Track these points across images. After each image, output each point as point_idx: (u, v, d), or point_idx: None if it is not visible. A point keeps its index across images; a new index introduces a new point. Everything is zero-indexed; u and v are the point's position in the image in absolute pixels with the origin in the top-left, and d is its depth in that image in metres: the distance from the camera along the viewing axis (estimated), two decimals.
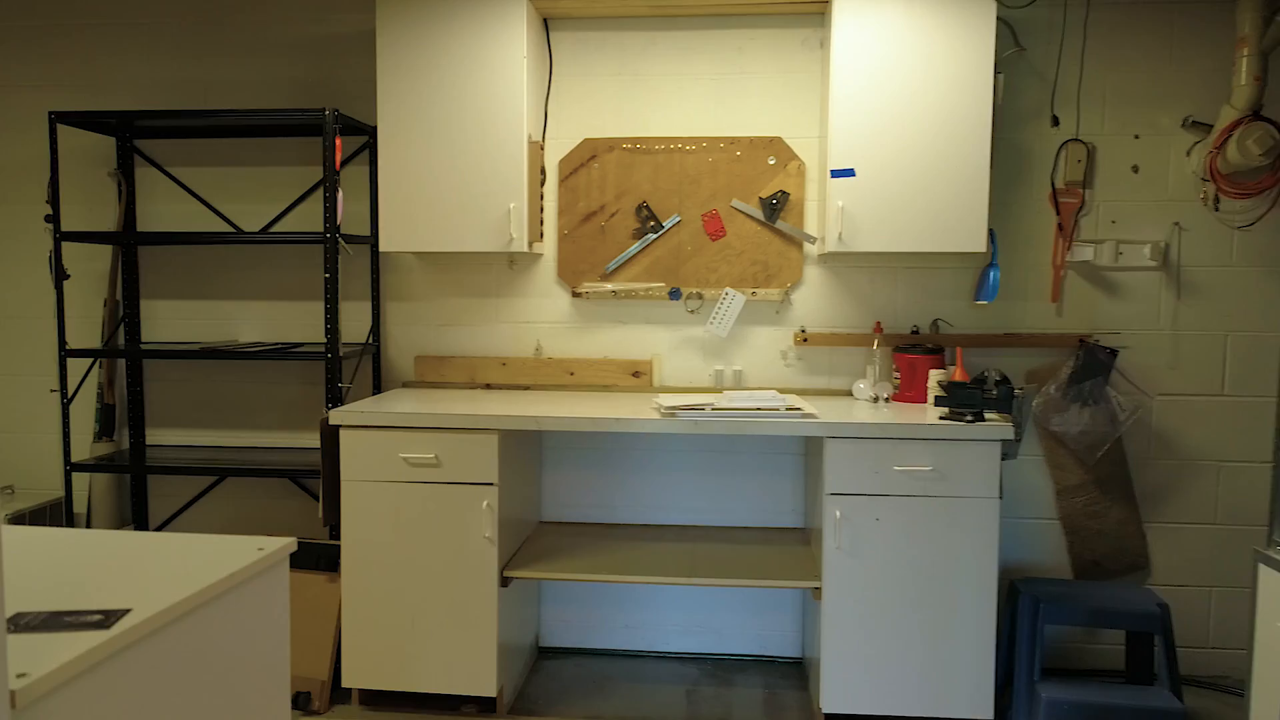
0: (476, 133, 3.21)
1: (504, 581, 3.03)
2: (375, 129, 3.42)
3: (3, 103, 3.72)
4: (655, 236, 3.49)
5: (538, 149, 3.40)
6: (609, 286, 3.52)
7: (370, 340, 3.62)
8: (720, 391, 3.48)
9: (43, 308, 3.75)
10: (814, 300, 3.51)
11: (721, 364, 3.55)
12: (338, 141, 3.17)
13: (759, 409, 2.98)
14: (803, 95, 3.45)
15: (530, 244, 3.30)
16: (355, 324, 3.66)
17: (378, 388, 3.64)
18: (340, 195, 3.23)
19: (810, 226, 3.47)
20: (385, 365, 3.66)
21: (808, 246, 3.48)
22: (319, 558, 3.27)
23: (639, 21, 3.48)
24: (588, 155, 3.50)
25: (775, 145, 3.45)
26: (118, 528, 3.66)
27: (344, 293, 3.65)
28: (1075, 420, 3.33)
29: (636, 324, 3.56)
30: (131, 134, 3.61)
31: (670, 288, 3.50)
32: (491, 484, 2.98)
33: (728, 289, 3.48)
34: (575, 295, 3.56)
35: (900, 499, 2.91)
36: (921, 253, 3.41)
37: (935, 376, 3.26)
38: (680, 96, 3.49)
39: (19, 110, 3.71)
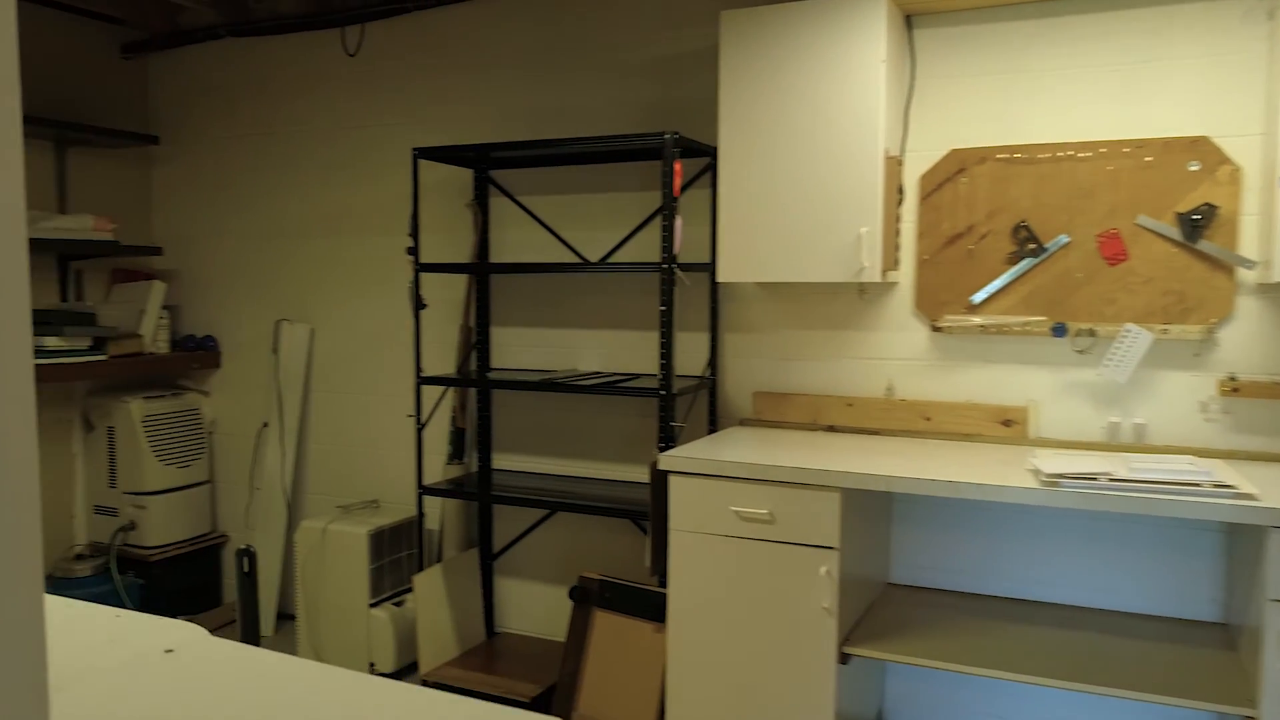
0: (825, 150, 2.88)
1: (843, 658, 2.67)
2: (716, 150, 3.20)
3: (373, 141, 3.98)
4: (1035, 261, 2.94)
5: (895, 164, 2.99)
6: (976, 320, 3.03)
7: (707, 374, 3.41)
8: (1115, 450, 2.85)
9: (409, 333, 3.96)
10: (1249, 340, 2.77)
11: (1118, 415, 2.92)
12: (677, 166, 2.98)
13: (1173, 484, 2.36)
14: (1239, 83, 2.74)
15: (883, 272, 2.91)
16: (692, 356, 3.47)
17: (713, 425, 3.42)
18: (679, 222, 3.05)
19: (1246, 247, 2.74)
20: (722, 400, 3.44)
21: (1242, 273, 2.75)
22: (647, 605, 3.11)
23: (1022, 10, 2.95)
24: (954, 169, 3.03)
25: (1199, 147, 2.76)
26: (465, 549, 3.77)
27: (681, 323, 3.48)
28: None
29: (1008, 364, 3.03)
30: (487, 165, 3.70)
31: (1053, 322, 2.93)
32: (832, 548, 2.63)
33: (1129, 324, 2.84)
34: (935, 329, 3.10)
35: None
36: None
37: None
38: (1072, 94, 2.91)
39: (387, 147, 3.95)
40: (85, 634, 1.32)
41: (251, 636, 1.34)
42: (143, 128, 4.43)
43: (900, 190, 3.09)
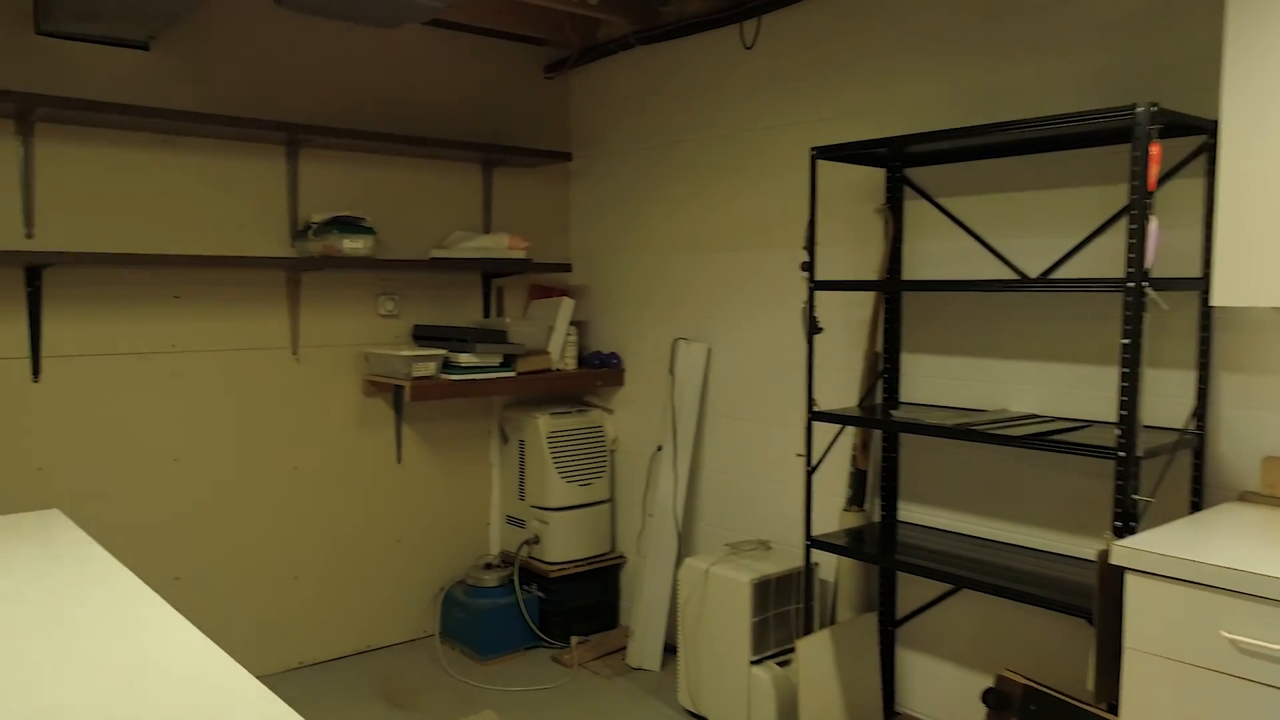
0: None
1: None
2: (1215, 125, 2.34)
3: (775, 141, 3.58)
4: None
5: None
6: None
7: (1192, 428, 2.53)
8: None
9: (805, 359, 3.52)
10: None
11: None
12: (1153, 149, 2.19)
13: None
14: None
15: None
16: (1169, 403, 2.61)
17: (1198, 500, 2.53)
18: (1154, 225, 2.24)
19: None
20: (1212, 466, 2.53)
21: None
22: None
23: None
24: None
25: None
26: (864, 609, 3.24)
27: (1154, 358, 2.63)
28: None
29: None
30: (901, 162, 3.13)
31: None
32: None
33: None
34: None
35: None
36: None
37: None
38: None
39: (790, 147, 3.53)
40: None
41: None
42: (563, 145, 4.49)
43: None
